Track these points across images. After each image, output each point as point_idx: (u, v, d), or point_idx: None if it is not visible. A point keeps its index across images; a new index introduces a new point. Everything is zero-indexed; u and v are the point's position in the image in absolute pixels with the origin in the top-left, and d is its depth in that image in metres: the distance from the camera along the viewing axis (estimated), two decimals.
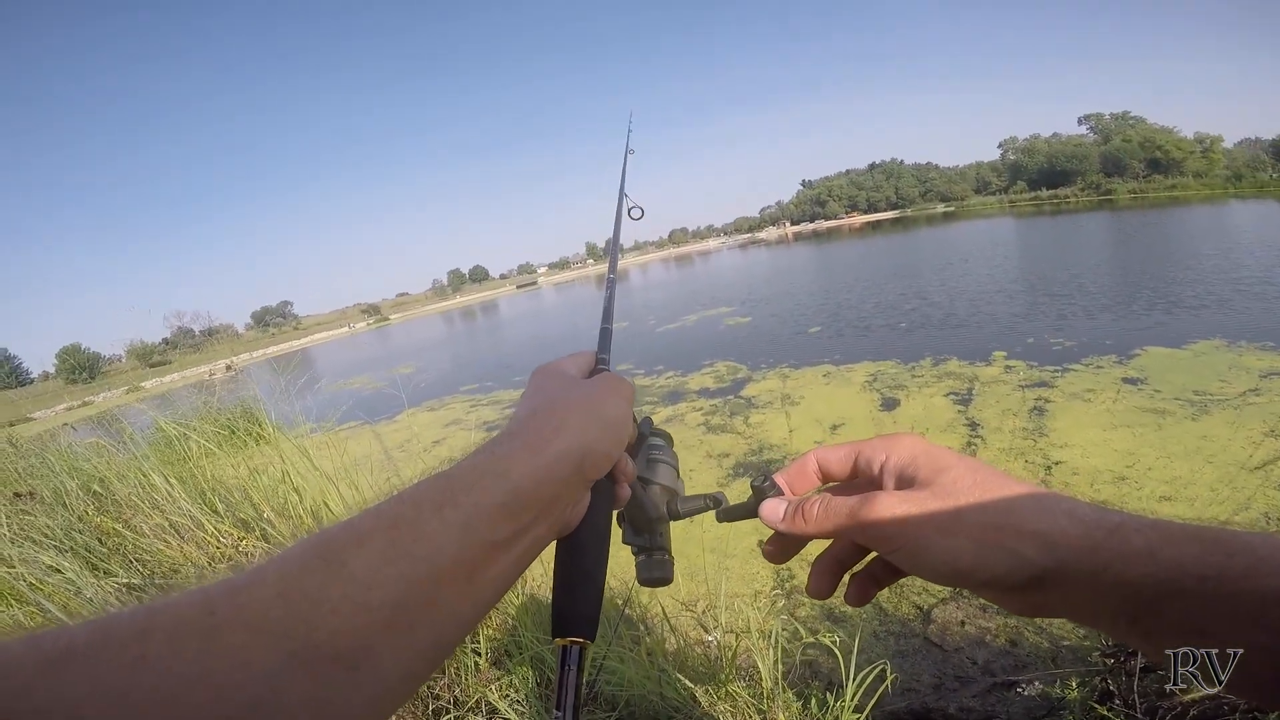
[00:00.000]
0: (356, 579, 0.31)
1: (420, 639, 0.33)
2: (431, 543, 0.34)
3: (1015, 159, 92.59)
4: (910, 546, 0.39)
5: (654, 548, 0.58)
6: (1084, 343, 6.99)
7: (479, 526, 0.36)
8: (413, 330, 41.24)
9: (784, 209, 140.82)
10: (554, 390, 0.47)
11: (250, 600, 0.29)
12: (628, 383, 0.51)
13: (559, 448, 0.41)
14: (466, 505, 0.36)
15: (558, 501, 0.42)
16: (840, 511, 0.42)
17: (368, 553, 0.32)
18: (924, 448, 0.43)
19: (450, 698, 2.21)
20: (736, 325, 13.00)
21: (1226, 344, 6.10)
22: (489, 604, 0.39)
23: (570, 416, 0.44)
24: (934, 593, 2.76)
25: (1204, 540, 0.32)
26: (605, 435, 0.45)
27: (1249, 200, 32.76)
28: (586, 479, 0.44)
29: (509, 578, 0.39)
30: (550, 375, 0.50)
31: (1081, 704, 1.74)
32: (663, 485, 0.59)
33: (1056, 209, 49.33)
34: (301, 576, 0.30)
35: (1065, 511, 0.36)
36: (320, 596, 0.30)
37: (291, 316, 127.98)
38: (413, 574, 0.32)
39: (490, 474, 0.38)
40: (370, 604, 0.31)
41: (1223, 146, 67.79)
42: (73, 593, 2.43)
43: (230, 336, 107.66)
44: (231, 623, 0.27)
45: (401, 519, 0.34)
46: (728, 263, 44.40)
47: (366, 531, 0.33)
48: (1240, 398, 4.59)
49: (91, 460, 4.03)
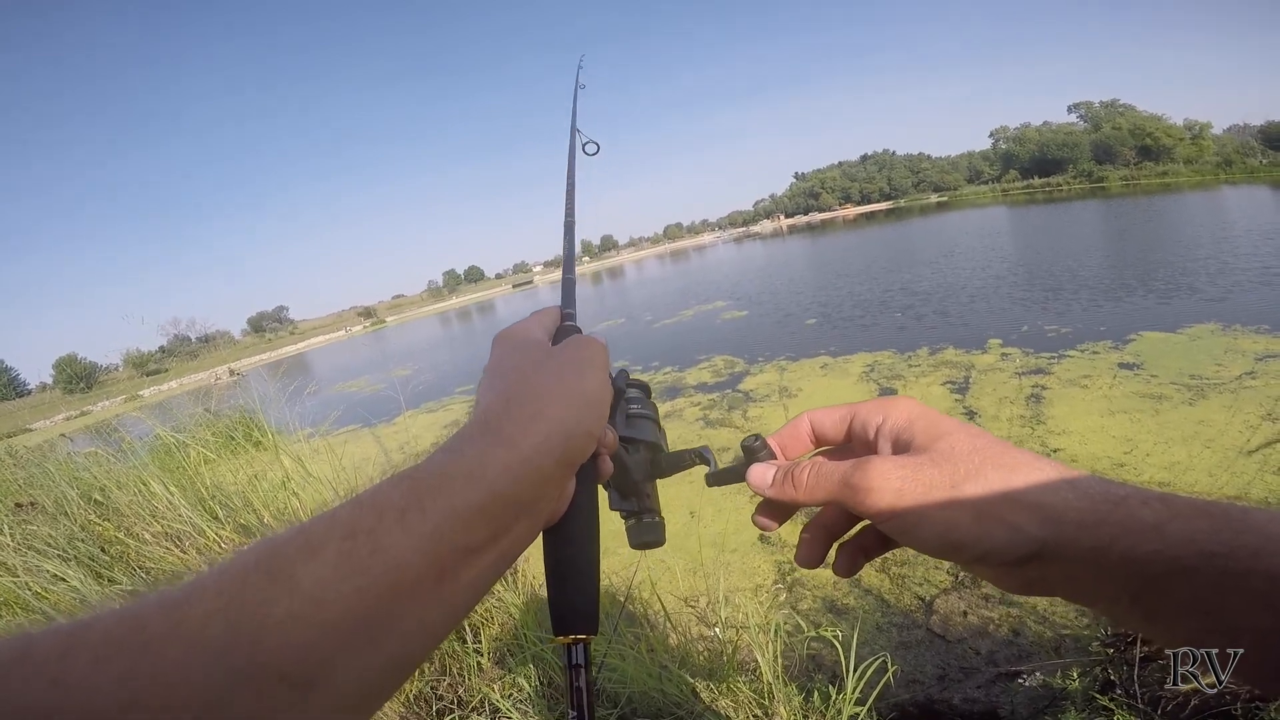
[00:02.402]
0: (306, 594, 0.28)
1: (382, 654, 0.31)
2: (393, 554, 0.31)
3: (1007, 148, 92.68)
4: (904, 516, 0.36)
5: (643, 510, 0.56)
6: (1079, 329, 7.00)
7: (450, 533, 0.33)
8: (409, 332, 41.17)
9: (778, 201, 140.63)
10: (524, 367, 0.43)
11: (186, 616, 0.26)
12: (600, 344, 0.47)
13: (539, 437, 0.37)
14: (435, 511, 0.33)
15: (541, 495, 0.39)
16: (832, 477, 0.40)
17: (319, 565, 0.29)
18: (921, 411, 0.40)
19: (453, 697, 2.21)
20: (733, 319, 12.99)
21: (1221, 328, 6.11)
22: (465, 610, 0.36)
23: (547, 399, 0.40)
24: (936, 583, 2.77)
25: (1213, 516, 0.30)
26: (587, 414, 0.41)
27: (1240, 186, 32.84)
28: (571, 465, 0.40)
29: (487, 581, 0.37)
30: (515, 345, 0.46)
31: (1083, 694, 1.75)
32: (646, 443, 0.55)
33: (1049, 197, 49.38)
34: (244, 590, 0.28)
35: (1069, 483, 0.34)
36: (264, 612, 0.27)
37: (288, 321, 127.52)
38: (371, 588, 0.30)
39: (462, 475, 0.35)
40: (321, 621, 0.28)
41: (1212, 133, 68.01)
42: (78, 600, 2.44)
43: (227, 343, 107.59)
44: (165, 640, 0.25)
45: (358, 528, 0.31)
46: (723, 257, 44.38)
47: (319, 541, 0.30)
48: (1236, 381, 4.61)
49: (91, 470, 4.03)
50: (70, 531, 3.14)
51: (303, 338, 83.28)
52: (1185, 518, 0.31)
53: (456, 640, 2.35)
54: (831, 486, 0.39)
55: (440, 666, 2.33)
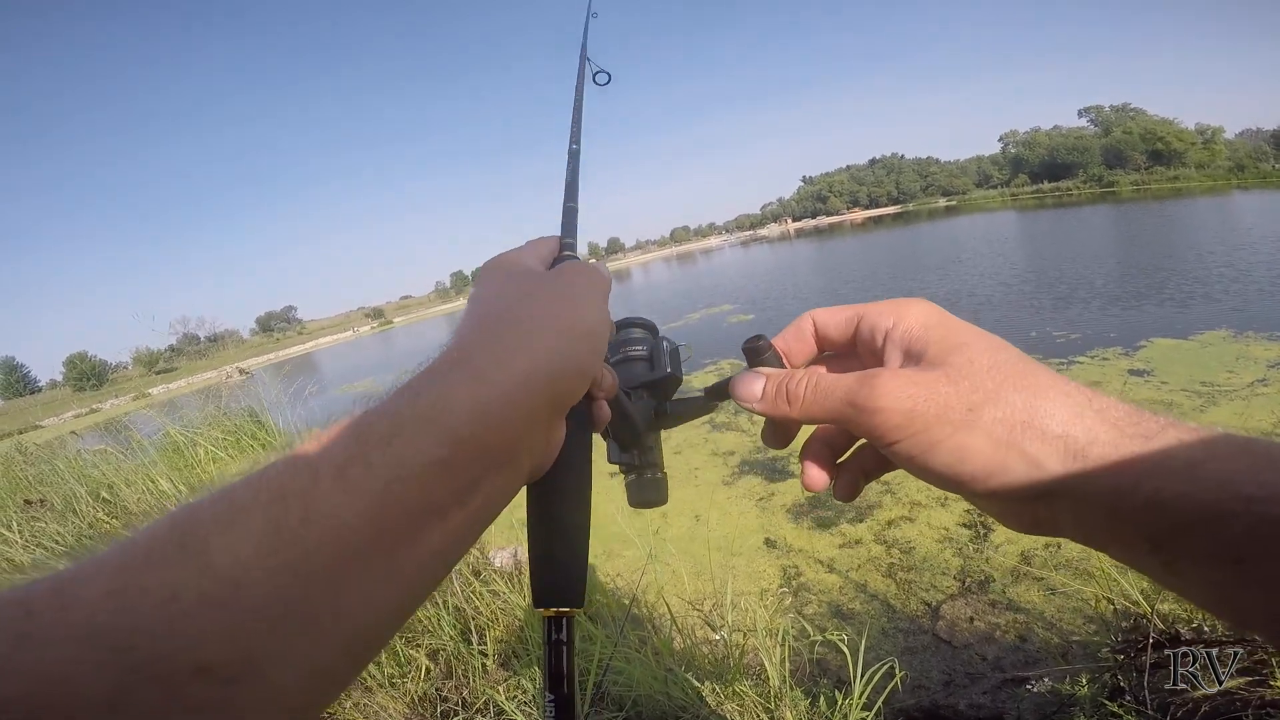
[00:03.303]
0: (220, 574, 0.23)
1: (322, 640, 0.26)
2: (331, 520, 0.25)
3: (1016, 152, 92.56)
4: (914, 442, 0.32)
5: (644, 465, 0.51)
6: (1089, 335, 6.96)
7: (401, 491, 0.27)
8: (416, 332, 41.35)
9: (785, 205, 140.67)
10: (510, 292, 0.37)
11: (76, 600, 0.21)
12: (600, 272, 0.41)
13: (519, 370, 0.31)
14: (382, 465, 0.27)
15: (520, 443, 0.32)
16: (834, 394, 0.35)
17: (238, 538, 0.24)
18: (938, 316, 0.36)
19: (458, 699, 2.21)
20: (740, 323, 12.98)
21: (1233, 334, 6.06)
22: (433, 580, 0.31)
23: (532, 326, 0.34)
24: (942, 589, 2.76)
25: (1254, 454, 0.27)
26: (580, 346, 0.35)
27: (1252, 191, 32.60)
28: (559, 407, 0.34)
29: (459, 545, 0.31)
30: (503, 271, 0.39)
31: (1092, 700, 1.73)
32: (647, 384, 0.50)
33: (1059, 202, 49.21)
34: (146, 569, 0.23)
35: (1098, 411, 0.30)
36: (168, 595, 0.22)
37: (295, 321, 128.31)
38: (302, 562, 0.25)
39: (419, 419, 0.29)
40: (241, 604, 0.23)
41: (1224, 137, 67.64)
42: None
43: (235, 342, 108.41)
44: (52, 628, 0.21)
45: (289, 489, 0.26)
46: (730, 260, 44.38)
47: (241, 507, 0.25)
48: (1248, 388, 4.57)
49: (100, 467, 4.06)
50: (79, 529, 3.17)
51: (310, 338, 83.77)
52: (1223, 457, 0.27)
53: (462, 642, 2.35)
54: (833, 404, 0.35)
55: (446, 668, 2.34)
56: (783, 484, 4.35)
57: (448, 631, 2.36)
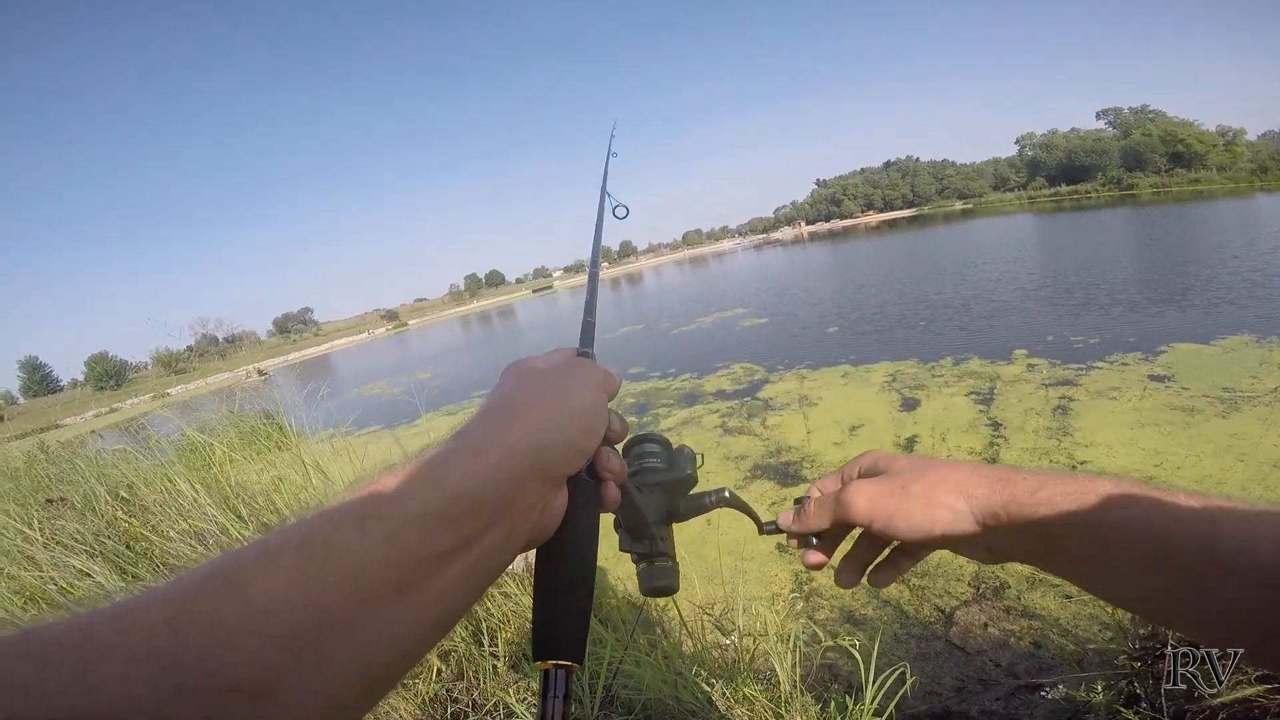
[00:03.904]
0: (255, 605, 0.28)
1: (339, 668, 0.30)
2: (350, 562, 0.31)
3: (1033, 155, 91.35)
4: (880, 517, 0.49)
5: (655, 554, 0.54)
6: (1108, 340, 6.86)
7: (408, 539, 0.33)
8: (430, 335, 41.61)
9: (799, 208, 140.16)
10: (514, 387, 0.43)
11: (133, 626, 0.26)
12: (603, 370, 0.48)
13: (507, 443, 0.37)
14: (392, 516, 0.33)
15: (513, 503, 0.37)
16: (826, 503, 0.53)
17: (272, 575, 0.29)
18: (881, 453, 0.54)
19: (469, 700, 2.22)
20: (753, 326, 12.94)
21: (1256, 340, 5.96)
22: (439, 624, 0.36)
23: (524, 408, 0.40)
24: (956, 595, 2.73)
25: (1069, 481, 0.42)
26: (568, 425, 0.41)
27: (1276, 194, 32.03)
28: (548, 476, 0.40)
29: (459, 596, 0.36)
30: (515, 372, 0.46)
31: (1107, 708, 1.71)
32: (660, 484, 0.55)
33: (1077, 205, 48.60)
34: (195, 601, 0.28)
35: (976, 469, 0.47)
36: (213, 622, 0.27)
37: (312, 323, 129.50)
38: (324, 598, 0.29)
39: (423, 481, 0.35)
40: (270, 632, 0.28)
41: (1245, 140, 66.47)
42: (102, 596, 2.47)
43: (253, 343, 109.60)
44: (110, 650, 0.25)
45: (314, 537, 0.31)
46: (743, 263, 44.28)
47: (274, 551, 0.30)
48: (1272, 394, 4.48)
49: (119, 466, 4.11)
50: (97, 527, 3.20)
51: (326, 339, 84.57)
52: (1052, 486, 0.42)
53: (473, 644, 2.36)
54: (828, 508, 0.53)
55: (457, 670, 2.35)
56: (795, 488, 4.33)
57: (459, 633, 2.36)
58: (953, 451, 4.49)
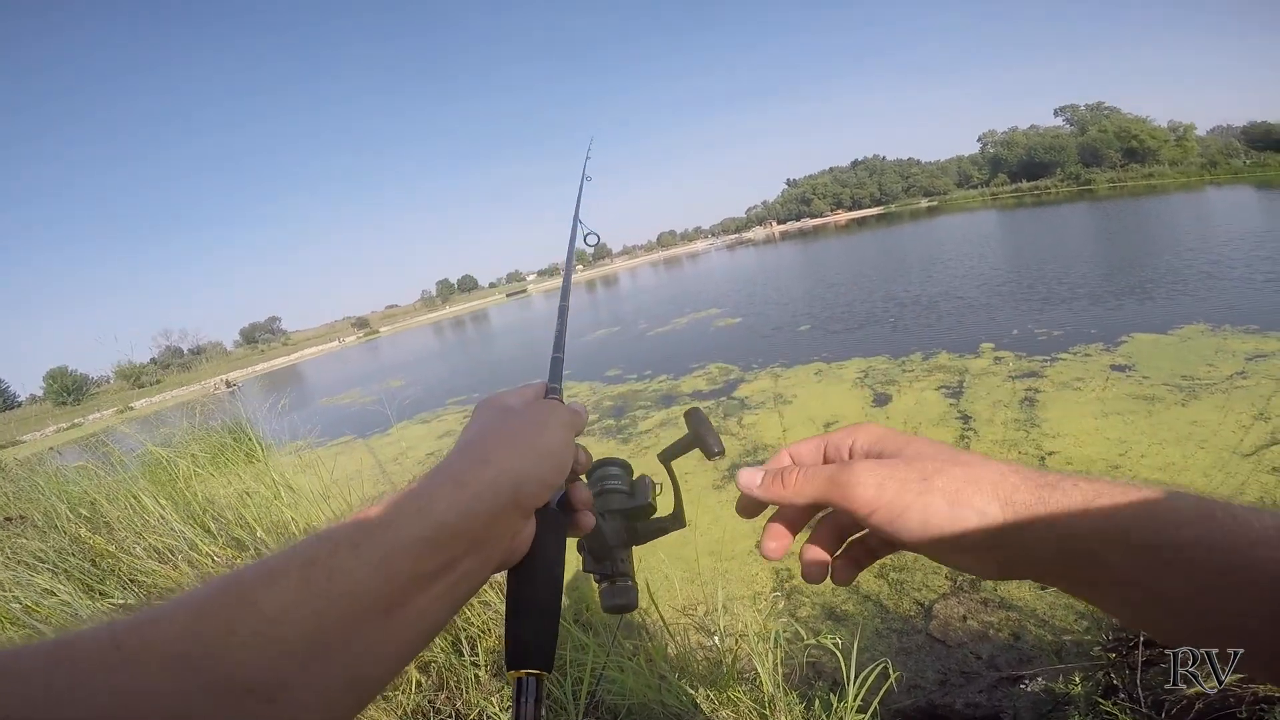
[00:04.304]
0: (266, 615, 0.31)
1: (339, 673, 0.34)
2: (347, 579, 0.34)
3: (995, 152, 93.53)
4: (888, 508, 0.40)
5: (616, 574, 0.58)
6: (1071, 331, 7.05)
7: (398, 562, 0.36)
8: (402, 342, 41.06)
9: (770, 208, 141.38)
10: (490, 424, 0.47)
11: (157, 634, 0.29)
12: (569, 409, 0.52)
13: (486, 478, 0.41)
14: (386, 542, 0.36)
15: (489, 532, 0.41)
16: (819, 475, 0.44)
17: (279, 590, 0.32)
18: (887, 430, 0.46)
19: (451, 710, 2.19)
20: (727, 326, 13.02)
21: (1211, 328, 6.16)
22: (419, 639, 0.39)
23: (501, 447, 0.44)
24: (934, 588, 2.76)
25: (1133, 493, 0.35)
26: (540, 464, 0.45)
27: (1224, 187, 33.23)
28: (522, 508, 0.44)
29: (440, 613, 0.40)
30: (490, 408, 0.51)
31: (1086, 698, 1.74)
32: (619, 511, 0.59)
33: (1038, 200, 49.85)
34: (211, 612, 0.31)
35: (1014, 470, 0.39)
36: (229, 630, 0.30)
37: (280, 332, 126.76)
38: (326, 610, 0.33)
39: (411, 511, 0.38)
40: (281, 638, 0.31)
41: (1196, 134, 68.82)
42: (69, 615, 2.40)
43: (219, 354, 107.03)
44: (138, 656, 0.28)
45: (316, 557, 0.34)
46: (716, 264, 44.52)
47: (279, 570, 0.33)
48: (1228, 381, 4.64)
49: (81, 483, 3.98)
50: (61, 545, 3.10)
51: (296, 349, 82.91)
52: (1109, 495, 0.35)
53: (454, 653, 2.33)
54: (819, 484, 0.43)
55: (438, 680, 2.31)
56: None
57: (439, 643, 2.32)
58: None
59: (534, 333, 24.57)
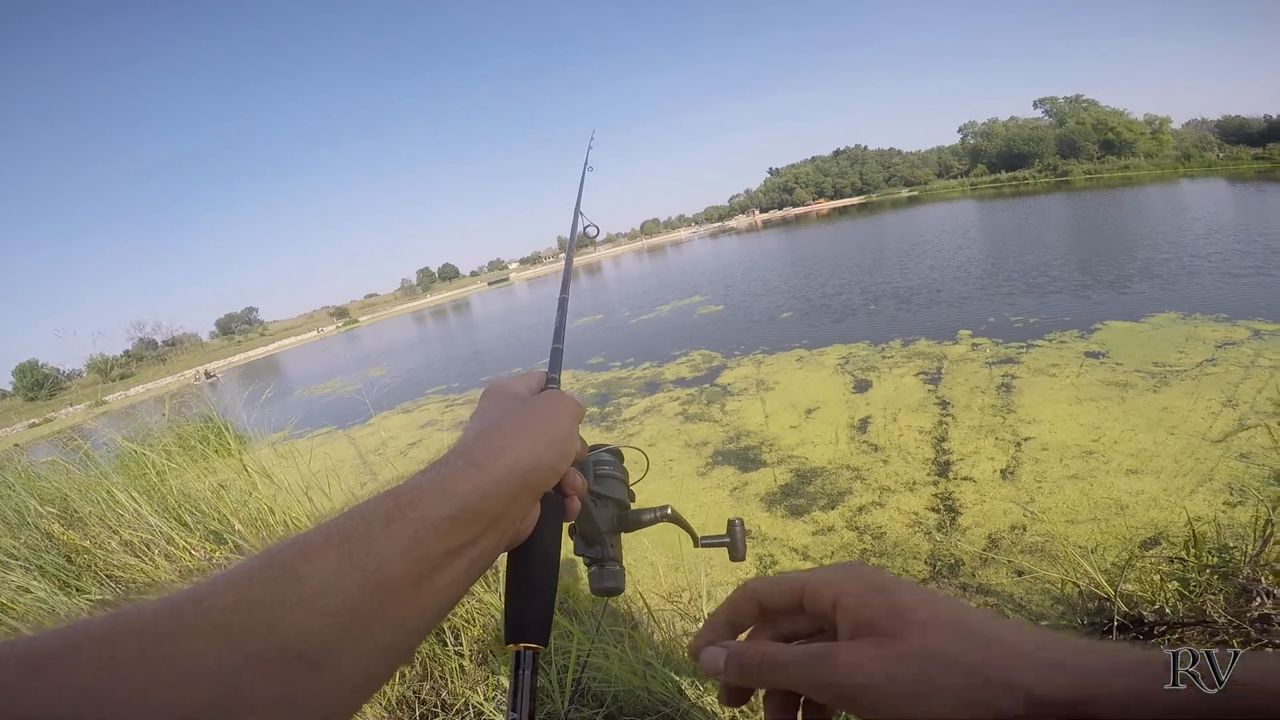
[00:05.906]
0: (311, 586, 0.33)
1: (375, 643, 0.36)
2: (381, 554, 0.36)
3: (975, 143, 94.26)
4: (880, 711, 0.33)
5: (605, 559, 0.61)
6: (1046, 319, 7.17)
7: (427, 539, 0.39)
8: (383, 332, 40.59)
9: (753, 197, 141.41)
10: (502, 410, 0.51)
11: (214, 606, 0.31)
12: (574, 400, 0.55)
13: (505, 463, 0.44)
14: (414, 519, 0.38)
15: (505, 515, 0.44)
16: (789, 670, 0.37)
17: (321, 564, 0.34)
18: (876, 583, 0.37)
19: (436, 701, 2.18)
20: (710, 314, 13.05)
21: (1182, 316, 6.30)
22: (440, 612, 0.42)
23: (516, 434, 0.47)
24: (914, 573, 2.80)
25: None
26: (550, 451, 0.48)
27: (1198, 180, 33.86)
28: (533, 493, 0.47)
29: (459, 587, 0.42)
30: (499, 395, 0.54)
31: None
32: (612, 499, 0.62)
33: (1016, 191, 50.43)
34: (261, 584, 0.33)
35: (1047, 662, 0.31)
36: (279, 600, 0.32)
37: (258, 323, 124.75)
38: (365, 582, 0.35)
39: (437, 490, 0.41)
40: (327, 609, 0.33)
41: (1171, 128, 69.91)
42: (46, 611, 2.36)
43: (194, 345, 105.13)
44: (197, 626, 0.30)
45: (353, 534, 0.37)
46: (700, 252, 44.49)
47: (319, 546, 0.35)
48: (1198, 368, 4.74)
49: (52, 479, 3.89)
50: (34, 541, 3.04)
51: (273, 339, 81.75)
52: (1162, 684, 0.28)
53: (437, 643, 2.32)
54: (794, 679, 0.37)
55: (422, 670, 2.30)
56: (755, 473, 4.38)
57: None
58: (903, 431, 4.61)
59: (517, 320, 24.44)
